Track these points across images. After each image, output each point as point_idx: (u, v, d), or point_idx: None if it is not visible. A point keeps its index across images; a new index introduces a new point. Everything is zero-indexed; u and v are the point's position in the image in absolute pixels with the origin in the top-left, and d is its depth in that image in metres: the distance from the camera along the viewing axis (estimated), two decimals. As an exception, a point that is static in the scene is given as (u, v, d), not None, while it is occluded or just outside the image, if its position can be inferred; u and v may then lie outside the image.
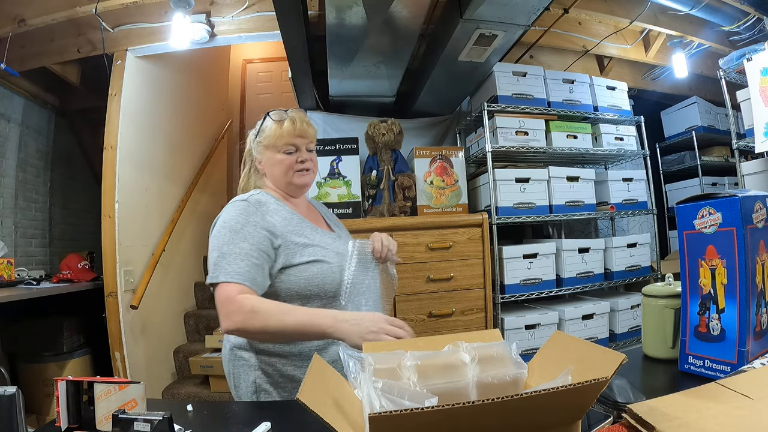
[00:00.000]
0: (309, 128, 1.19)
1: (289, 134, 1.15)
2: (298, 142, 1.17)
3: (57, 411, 0.77)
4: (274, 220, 1.10)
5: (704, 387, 0.68)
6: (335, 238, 1.21)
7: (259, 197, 1.14)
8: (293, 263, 1.08)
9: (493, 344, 0.68)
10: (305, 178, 1.19)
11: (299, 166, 1.17)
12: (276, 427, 0.75)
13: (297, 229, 1.13)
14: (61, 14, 2.42)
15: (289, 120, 1.16)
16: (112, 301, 2.56)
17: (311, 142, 1.20)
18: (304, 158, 1.18)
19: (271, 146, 1.17)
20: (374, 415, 0.41)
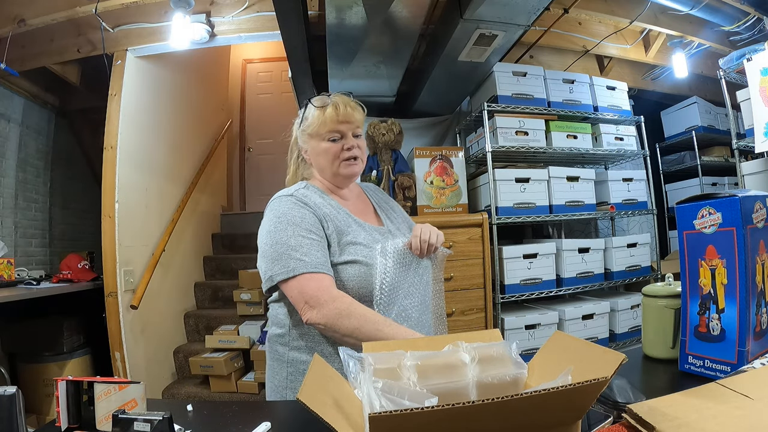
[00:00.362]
0: (354, 112, 1.10)
1: (332, 121, 1.07)
2: (343, 128, 1.09)
3: (57, 411, 0.77)
4: (324, 210, 1.08)
5: (704, 387, 0.67)
6: (384, 233, 1.12)
7: (304, 191, 1.09)
8: (338, 261, 1.03)
9: (493, 344, 0.67)
10: (353, 167, 1.11)
11: (346, 154, 1.09)
12: (276, 427, 0.75)
13: (342, 225, 1.07)
14: (61, 14, 2.42)
15: (332, 105, 1.08)
16: (112, 301, 2.56)
17: (358, 127, 1.12)
18: (351, 145, 1.09)
19: (314, 134, 1.10)
20: (374, 415, 0.41)
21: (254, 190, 5.00)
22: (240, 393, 2.80)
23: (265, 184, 4.99)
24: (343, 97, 1.11)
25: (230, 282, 3.47)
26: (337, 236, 1.05)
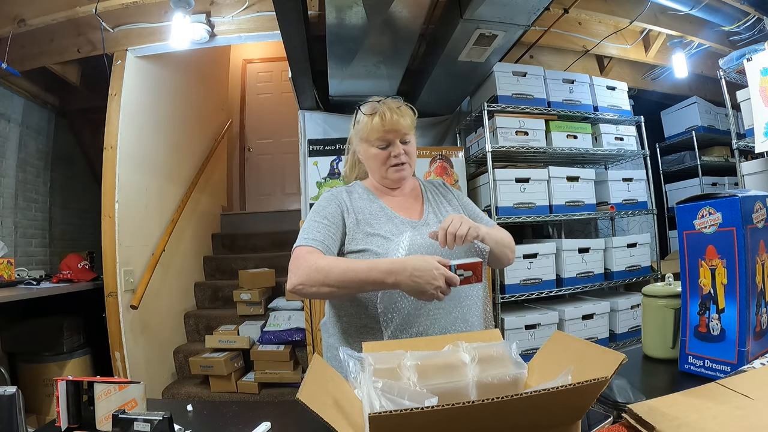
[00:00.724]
0: (402, 119, 1.12)
1: (378, 129, 1.11)
2: (390, 137, 1.12)
3: (57, 411, 0.77)
4: (357, 204, 1.13)
5: (704, 387, 0.67)
6: (416, 225, 1.12)
7: (349, 187, 1.20)
8: (348, 250, 1.07)
9: (493, 344, 0.68)
10: (400, 172, 1.14)
11: (393, 161, 1.13)
12: (276, 427, 0.75)
13: (371, 218, 1.11)
14: (61, 14, 2.42)
15: (379, 114, 1.11)
16: (112, 301, 2.56)
17: (406, 133, 1.14)
18: (398, 152, 1.12)
19: (364, 140, 1.15)
20: (374, 415, 0.41)
21: (254, 190, 5.00)
22: (240, 393, 2.80)
23: (265, 184, 5.00)
24: (391, 103, 1.13)
25: (230, 282, 3.47)
26: (356, 226, 1.09)
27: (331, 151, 2.55)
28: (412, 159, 1.16)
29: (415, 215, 1.17)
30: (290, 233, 3.60)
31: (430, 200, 1.22)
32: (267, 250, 3.91)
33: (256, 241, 4.05)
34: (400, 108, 1.13)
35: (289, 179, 4.85)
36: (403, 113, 1.13)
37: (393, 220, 1.12)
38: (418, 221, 1.14)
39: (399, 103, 1.15)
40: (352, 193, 1.17)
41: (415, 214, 1.17)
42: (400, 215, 1.14)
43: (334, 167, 2.54)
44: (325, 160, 2.52)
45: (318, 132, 2.71)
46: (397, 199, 1.19)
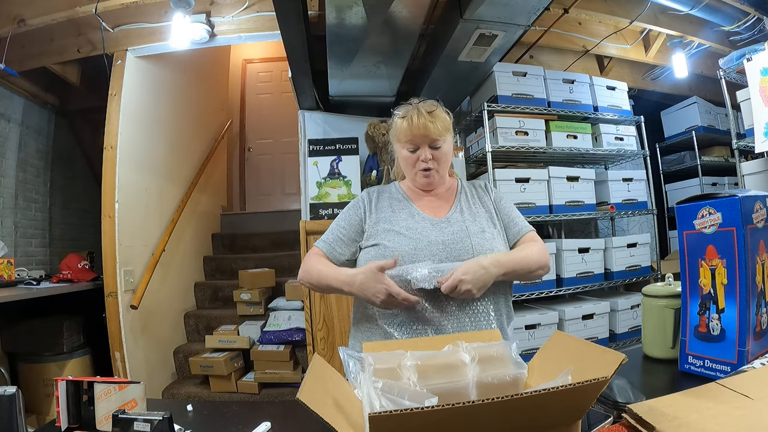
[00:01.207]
0: (431, 124, 1.10)
1: (405, 133, 1.12)
2: (418, 141, 1.12)
3: (57, 411, 0.77)
4: (383, 203, 1.19)
5: (704, 387, 0.67)
6: (436, 223, 1.13)
7: (385, 187, 1.26)
8: (363, 246, 1.13)
9: (493, 344, 0.68)
10: (427, 178, 1.15)
11: (421, 165, 1.14)
12: (276, 427, 0.75)
13: (392, 215, 1.15)
14: (61, 14, 2.42)
15: (408, 118, 1.12)
16: (112, 301, 2.56)
17: (435, 139, 1.12)
18: (425, 157, 1.13)
19: (397, 141, 1.18)
20: (374, 415, 0.41)
21: (254, 190, 5.00)
22: (240, 393, 2.80)
23: (265, 184, 5.00)
24: (423, 106, 1.13)
25: (230, 282, 3.47)
26: (375, 224, 1.15)
27: (331, 151, 2.55)
28: (442, 164, 1.16)
29: (440, 213, 1.17)
30: (290, 233, 3.63)
31: (461, 201, 1.21)
32: (267, 250, 3.91)
33: (256, 241, 4.05)
34: (432, 112, 1.12)
35: (289, 179, 4.85)
36: (435, 117, 1.12)
37: (414, 217, 1.14)
38: (440, 219, 1.15)
39: (433, 107, 1.14)
40: (384, 192, 1.23)
41: (440, 213, 1.17)
42: (423, 213, 1.16)
43: (334, 167, 2.54)
44: (325, 160, 2.52)
45: (318, 132, 2.71)
46: (427, 198, 1.20)
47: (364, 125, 2.59)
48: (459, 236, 1.09)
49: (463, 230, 1.11)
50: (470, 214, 1.18)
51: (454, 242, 1.08)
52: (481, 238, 1.10)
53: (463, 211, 1.18)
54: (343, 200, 2.50)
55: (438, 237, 1.09)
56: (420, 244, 1.07)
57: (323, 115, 2.76)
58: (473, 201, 1.22)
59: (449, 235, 1.10)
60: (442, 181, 1.20)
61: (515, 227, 1.19)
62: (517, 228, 1.19)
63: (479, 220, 1.16)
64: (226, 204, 4.64)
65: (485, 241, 1.10)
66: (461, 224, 1.13)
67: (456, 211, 1.18)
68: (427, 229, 1.11)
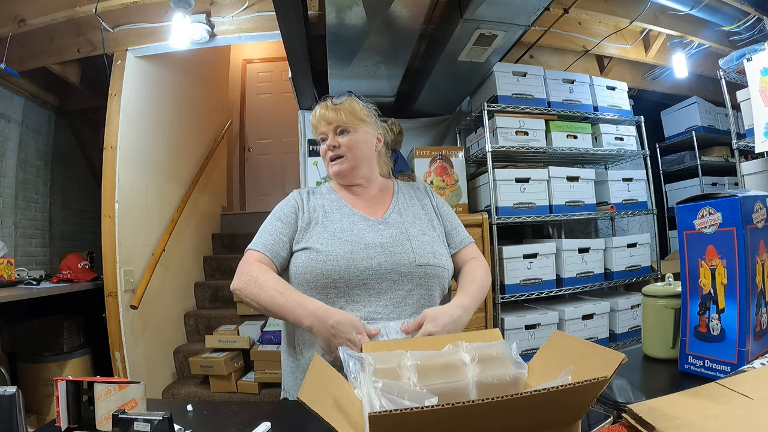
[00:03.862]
0: (332, 113, 1.10)
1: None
2: (323, 129, 1.12)
3: (57, 411, 0.77)
4: (314, 203, 1.13)
5: (704, 387, 0.67)
6: (373, 224, 1.08)
7: (315, 188, 1.20)
8: (294, 249, 1.06)
9: (493, 344, 0.68)
10: (337, 167, 1.12)
11: (328, 154, 1.12)
12: (276, 427, 0.75)
13: (325, 215, 1.09)
14: (61, 14, 2.42)
15: (314, 111, 1.13)
16: (112, 301, 2.56)
17: (339, 125, 1.10)
18: (328, 145, 1.11)
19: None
20: (374, 414, 0.41)
21: (254, 190, 5.00)
22: (240, 393, 2.80)
23: (265, 184, 4.99)
24: (330, 99, 1.13)
25: (230, 282, 3.46)
26: (307, 225, 1.08)
27: (331, 151, 2.55)
28: (353, 152, 1.11)
29: (377, 213, 1.12)
30: (290, 233, 3.62)
31: (399, 201, 1.18)
32: (267, 250, 3.90)
33: (257, 241, 4.05)
34: (339, 104, 1.11)
35: (289, 179, 4.85)
36: (338, 108, 1.10)
37: (349, 217, 1.09)
38: (377, 220, 1.10)
39: (341, 99, 1.12)
40: (315, 192, 1.17)
41: (377, 212, 1.13)
42: (359, 212, 1.11)
43: (334, 167, 2.54)
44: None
45: (318, 132, 2.71)
46: (360, 198, 1.16)
47: (364, 125, 2.59)
48: (398, 239, 1.04)
49: (402, 232, 1.07)
50: (410, 215, 1.13)
51: (393, 245, 1.03)
52: (422, 242, 1.06)
53: (401, 212, 1.14)
54: (343, 200, 2.49)
55: (376, 239, 1.03)
56: (356, 248, 1.00)
57: (323, 115, 2.76)
58: (411, 203, 1.18)
59: (388, 237, 1.04)
60: (356, 172, 1.14)
61: (457, 236, 1.17)
62: (459, 237, 1.17)
63: (419, 222, 1.12)
64: (226, 204, 4.64)
65: (426, 245, 1.06)
66: (400, 226, 1.08)
67: (394, 211, 1.13)
68: (364, 231, 1.05)
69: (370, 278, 0.99)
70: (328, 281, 0.98)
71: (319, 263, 0.99)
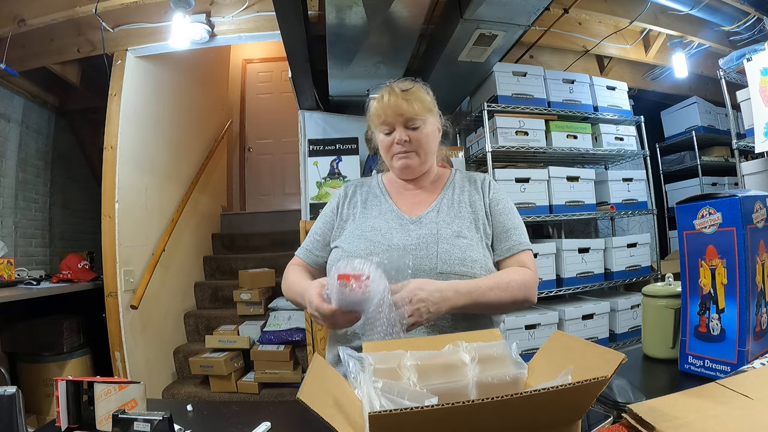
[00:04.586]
0: (404, 102, 0.99)
1: (377, 114, 1.03)
2: (391, 121, 1.01)
3: (57, 411, 0.77)
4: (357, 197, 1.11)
5: (704, 387, 0.67)
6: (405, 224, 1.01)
7: (366, 180, 1.18)
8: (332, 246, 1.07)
9: (493, 344, 0.67)
10: (403, 161, 1.03)
11: (396, 148, 1.02)
12: (276, 427, 0.75)
13: (364, 212, 1.06)
14: (61, 14, 2.42)
15: (378, 98, 1.03)
16: (112, 301, 2.56)
17: (411, 118, 1.00)
18: (401, 139, 1.01)
19: (373, 125, 1.08)
20: (374, 414, 0.41)
21: (254, 190, 5.00)
22: (240, 393, 2.80)
23: (265, 184, 5.00)
24: (397, 85, 1.03)
25: (230, 282, 3.47)
26: (344, 222, 1.08)
27: (331, 151, 2.55)
28: (423, 146, 1.03)
29: (415, 211, 1.05)
30: (290, 233, 3.62)
31: (446, 196, 1.07)
32: (267, 250, 3.91)
33: (256, 241, 4.06)
34: (408, 90, 1.01)
35: (289, 179, 4.85)
36: (411, 95, 1.01)
37: (385, 215, 1.04)
38: (411, 219, 1.02)
39: (409, 85, 1.03)
40: (363, 186, 1.14)
41: (416, 209, 1.05)
42: (397, 209, 1.05)
43: (334, 167, 2.54)
44: (325, 160, 2.52)
45: (318, 132, 2.71)
46: (409, 193, 1.09)
47: (364, 125, 2.56)
48: (425, 241, 0.95)
49: (432, 234, 0.96)
50: (450, 214, 1.02)
51: (417, 248, 0.94)
52: (451, 245, 0.94)
53: (441, 210, 1.03)
54: (343, 200, 2.50)
55: (401, 240, 0.96)
56: (378, 249, 0.94)
57: (323, 115, 2.76)
58: (460, 197, 1.07)
59: (415, 239, 0.96)
60: (424, 167, 1.07)
61: (507, 241, 1.02)
62: (509, 243, 1.02)
63: (459, 221, 1.01)
64: (226, 204, 4.64)
65: (455, 249, 0.94)
66: (432, 226, 0.99)
67: (433, 210, 1.03)
68: (393, 231, 0.99)
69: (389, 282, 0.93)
70: None
71: None
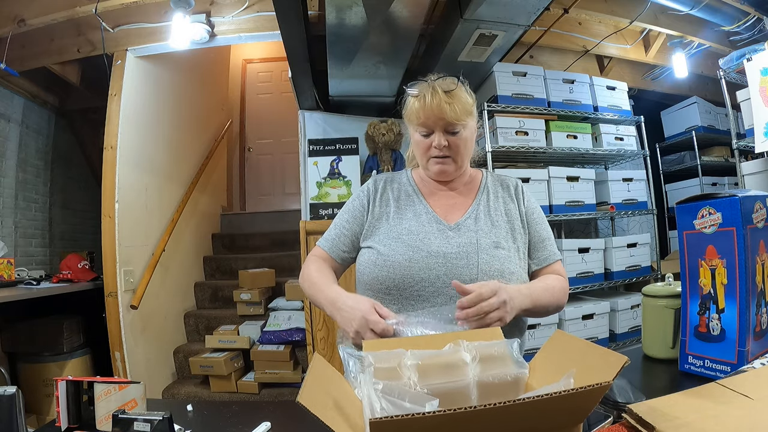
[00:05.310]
0: (447, 106, 0.93)
1: (417, 114, 0.96)
2: (431, 124, 0.96)
3: (57, 411, 0.77)
4: (389, 195, 1.06)
5: (704, 387, 0.67)
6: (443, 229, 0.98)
7: (397, 175, 1.12)
8: (361, 245, 1.02)
9: (494, 343, 0.67)
10: (441, 166, 0.99)
11: (434, 152, 0.98)
12: (276, 427, 0.75)
13: (397, 212, 1.02)
14: (61, 14, 2.42)
15: (420, 97, 0.95)
16: (112, 301, 2.56)
17: (452, 123, 0.95)
18: (440, 144, 0.96)
19: (408, 122, 1.02)
20: (375, 420, 0.41)
21: (254, 190, 5.00)
22: (240, 393, 2.80)
23: (265, 184, 5.00)
24: (440, 84, 0.96)
25: (230, 282, 3.47)
26: (376, 221, 1.03)
27: (331, 151, 2.55)
28: (460, 152, 0.99)
29: (454, 215, 1.01)
30: (290, 233, 3.62)
31: (482, 202, 1.04)
32: (267, 250, 3.91)
33: (256, 241, 4.06)
34: (451, 92, 0.94)
35: (289, 179, 4.85)
36: (453, 98, 0.94)
37: (420, 218, 1.00)
38: (449, 225, 0.99)
39: (452, 86, 0.96)
40: (392, 182, 1.09)
41: (453, 214, 1.01)
42: (433, 211, 1.01)
43: (334, 167, 2.54)
44: (325, 160, 2.52)
45: (318, 132, 2.71)
46: (442, 194, 1.05)
47: (364, 125, 2.59)
48: (465, 250, 0.93)
49: (472, 243, 0.95)
50: (487, 222, 1.00)
51: (457, 257, 0.92)
52: (491, 256, 0.93)
53: (479, 217, 1.00)
54: (342, 200, 2.50)
55: (441, 247, 0.94)
56: (417, 255, 0.93)
57: (323, 115, 2.76)
58: (495, 205, 1.04)
59: (455, 246, 0.94)
60: (459, 172, 1.04)
61: (544, 251, 1.03)
62: (545, 253, 1.03)
63: (496, 231, 0.99)
64: (226, 204, 4.64)
65: (494, 260, 0.93)
66: (472, 235, 0.96)
67: (471, 216, 1.01)
68: (431, 236, 0.96)
69: (426, 290, 0.91)
70: (383, 287, 0.93)
71: (376, 267, 0.94)
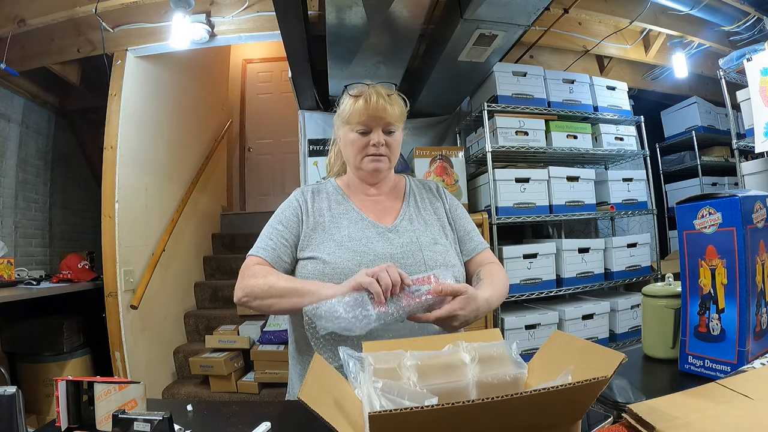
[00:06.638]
0: (389, 107, 1.02)
1: (361, 113, 1.01)
2: (372, 123, 1.02)
3: (57, 411, 0.77)
4: (319, 204, 1.06)
5: (704, 387, 0.67)
6: (382, 232, 1.02)
7: (320, 186, 1.13)
8: (299, 257, 1.01)
9: (493, 344, 0.67)
10: (376, 163, 1.04)
11: (371, 150, 1.03)
12: (276, 427, 0.75)
13: (331, 221, 1.03)
14: (61, 14, 2.42)
15: (364, 97, 1.01)
16: (112, 301, 2.56)
17: (391, 123, 1.03)
18: (377, 142, 1.02)
19: (345, 122, 1.05)
20: (374, 414, 0.41)
21: (254, 190, 5.00)
22: (240, 393, 2.80)
23: (265, 184, 5.00)
24: (381, 88, 1.04)
25: (230, 282, 3.47)
26: (312, 231, 1.02)
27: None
28: (393, 153, 1.06)
29: (387, 219, 1.06)
30: (290, 233, 3.63)
31: (411, 204, 1.11)
32: (267, 250, 3.90)
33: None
34: (390, 95, 1.04)
35: (289, 179, 4.85)
36: (393, 101, 1.04)
37: (357, 224, 1.02)
38: (387, 227, 1.03)
39: (390, 91, 1.05)
40: (320, 192, 1.10)
41: (387, 218, 1.06)
42: (368, 217, 1.04)
43: (334, 167, 2.54)
44: (325, 160, 2.52)
45: (318, 132, 2.71)
46: (371, 198, 1.09)
47: (364, 125, 2.59)
48: (410, 249, 0.99)
49: (413, 242, 1.00)
50: (420, 222, 1.07)
51: (404, 256, 0.97)
52: (434, 252, 1.00)
53: (412, 218, 1.07)
54: (343, 200, 2.50)
55: (386, 249, 0.98)
56: (365, 259, 0.95)
57: (323, 115, 2.76)
58: (423, 206, 1.11)
59: (399, 247, 0.99)
60: (389, 173, 1.11)
61: (471, 242, 1.10)
62: (473, 243, 1.10)
63: (431, 229, 1.06)
64: (226, 204, 4.64)
65: (437, 255, 1.00)
66: (411, 235, 1.02)
67: (405, 218, 1.07)
68: (373, 240, 0.99)
69: None
70: None
71: (325, 276, 0.94)
